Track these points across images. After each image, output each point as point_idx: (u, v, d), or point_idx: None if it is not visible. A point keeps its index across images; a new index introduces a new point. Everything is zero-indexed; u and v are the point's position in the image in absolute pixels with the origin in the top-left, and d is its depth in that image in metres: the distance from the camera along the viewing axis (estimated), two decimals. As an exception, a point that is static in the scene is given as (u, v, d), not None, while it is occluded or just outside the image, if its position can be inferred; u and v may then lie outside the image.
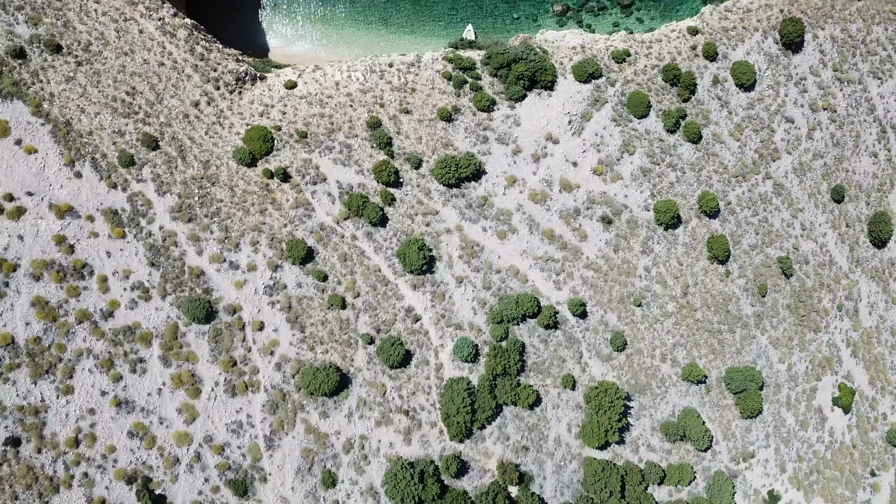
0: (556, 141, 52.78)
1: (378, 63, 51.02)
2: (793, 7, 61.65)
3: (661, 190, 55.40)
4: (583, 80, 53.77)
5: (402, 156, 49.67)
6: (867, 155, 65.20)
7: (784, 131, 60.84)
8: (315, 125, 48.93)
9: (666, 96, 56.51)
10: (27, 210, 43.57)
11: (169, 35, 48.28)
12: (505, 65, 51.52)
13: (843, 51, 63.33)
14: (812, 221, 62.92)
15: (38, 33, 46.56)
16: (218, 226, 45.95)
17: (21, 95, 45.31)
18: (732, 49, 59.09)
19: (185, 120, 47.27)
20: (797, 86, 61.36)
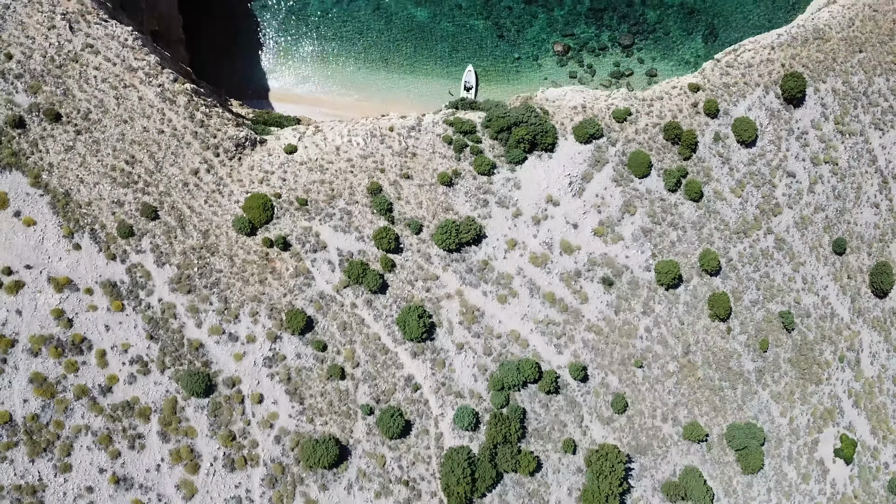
0: (557, 203, 52.60)
1: (379, 127, 50.85)
2: (794, 61, 61.54)
3: (662, 250, 55.19)
4: (583, 140, 53.62)
5: (403, 221, 49.49)
6: (869, 206, 65.00)
7: (785, 186, 60.67)
8: (315, 192, 48.76)
9: (667, 154, 56.36)
10: (26, 284, 43.37)
11: (169, 102, 48.13)
12: (505, 128, 51.38)
13: (845, 103, 63.19)
14: (813, 275, 62.69)
15: (38, 102, 46.43)
16: (217, 297, 45.74)
17: (20, 166, 45.16)
18: (734, 105, 58.94)
19: (184, 189, 47.10)
20: (799, 140, 61.23)
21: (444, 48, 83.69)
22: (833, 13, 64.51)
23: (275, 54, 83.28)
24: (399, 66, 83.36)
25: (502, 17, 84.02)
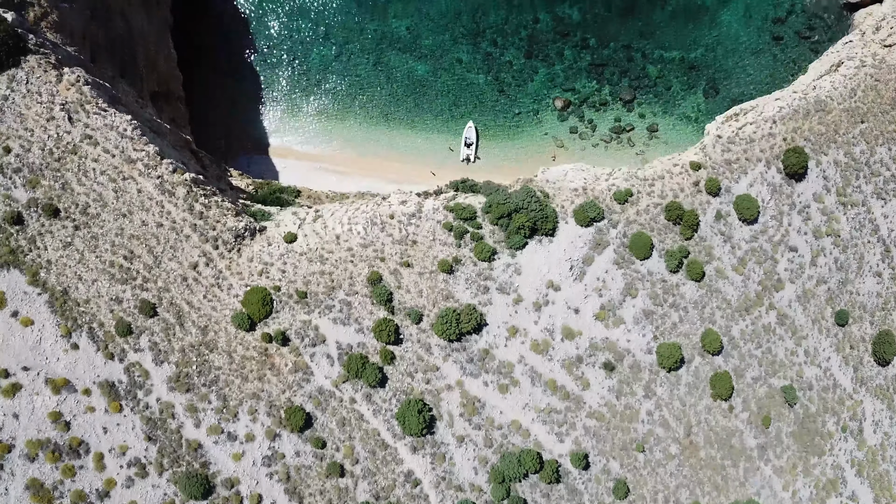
0: (558, 288, 52.29)
1: (379, 214, 50.57)
2: (796, 135, 61.30)
3: (664, 332, 54.86)
4: (584, 224, 53.35)
5: (403, 311, 49.18)
6: (871, 275, 64.65)
7: (788, 261, 60.36)
8: (315, 283, 48.46)
9: (669, 235, 56.07)
10: (23, 386, 43.06)
11: (168, 194, 47.89)
12: (506, 214, 51.12)
13: (847, 174, 62.96)
14: (816, 347, 62.31)
15: (36, 197, 46.22)
16: (216, 395, 45.40)
17: (18, 264, 44.91)
18: (735, 182, 58.68)
19: (183, 283, 46.81)
20: (801, 214, 60.95)
21: (445, 103, 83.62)
22: (835, 83, 64.30)
23: (275, 109, 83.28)
24: (400, 121, 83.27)
25: (503, 71, 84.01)
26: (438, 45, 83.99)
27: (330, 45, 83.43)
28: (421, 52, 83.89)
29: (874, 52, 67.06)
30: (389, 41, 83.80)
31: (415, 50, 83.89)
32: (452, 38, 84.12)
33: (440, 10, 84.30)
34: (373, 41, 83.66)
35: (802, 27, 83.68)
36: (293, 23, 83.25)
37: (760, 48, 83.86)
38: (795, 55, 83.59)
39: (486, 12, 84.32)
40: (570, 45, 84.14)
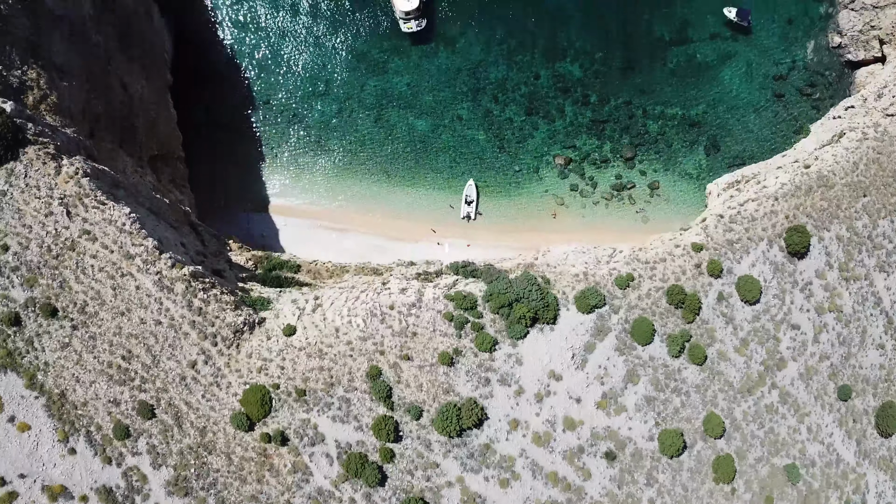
0: (560, 377, 51.93)
1: (379, 305, 50.24)
2: (798, 211, 61.05)
3: (665, 417, 54.45)
4: (586, 311, 53.03)
5: (403, 407, 48.81)
6: (874, 348, 64.25)
7: (790, 339, 59.98)
8: (314, 380, 48.10)
9: (670, 318, 55.72)
10: (19, 495, 42.71)
11: (166, 290, 47.58)
12: (507, 304, 50.80)
13: (849, 249, 62.66)
14: (819, 423, 61.86)
15: (34, 296, 45.92)
16: (214, 498, 44.99)
17: (15, 367, 44.59)
18: (737, 262, 58.38)
19: (181, 383, 46.46)
20: (803, 291, 60.62)
21: (445, 160, 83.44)
22: (837, 156, 64.06)
23: (275, 166, 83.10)
24: (400, 178, 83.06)
25: (503, 128, 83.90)
26: (439, 102, 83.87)
27: (330, 102, 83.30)
28: (421, 108, 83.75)
29: (876, 121, 66.84)
30: (390, 98, 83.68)
31: (415, 107, 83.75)
32: (453, 95, 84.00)
33: (441, 67, 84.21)
34: (373, 98, 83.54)
35: (804, 84, 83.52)
36: (294, 79, 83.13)
37: (762, 105, 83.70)
38: (797, 112, 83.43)
39: (487, 69, 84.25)
40: (571, 102, 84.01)
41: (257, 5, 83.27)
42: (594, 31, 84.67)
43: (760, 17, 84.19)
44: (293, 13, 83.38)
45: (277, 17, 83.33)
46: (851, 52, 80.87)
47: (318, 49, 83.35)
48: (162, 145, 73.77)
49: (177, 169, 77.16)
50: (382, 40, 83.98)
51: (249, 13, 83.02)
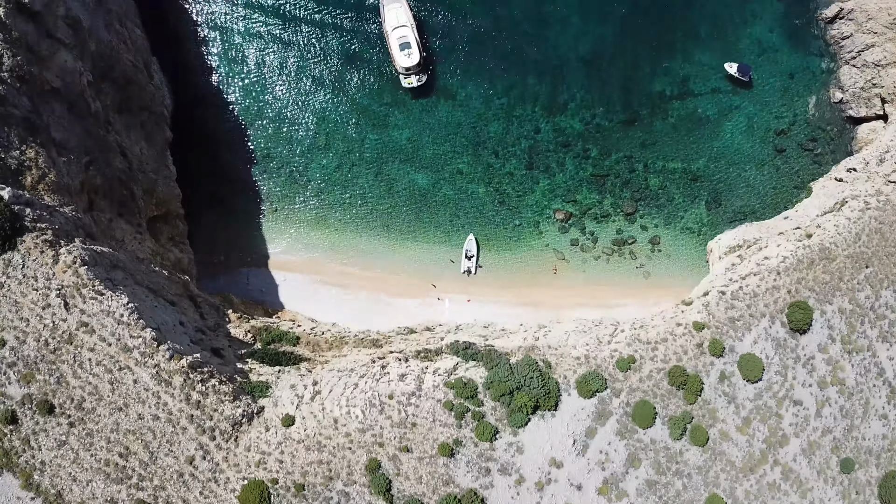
0: (560, 465, 51.54)
1: (378, 394, 49.91)
2: (800, 285, 60.73)
3: (667, 501, 54.04)
4: (587, 396, 52.68)
5: (402, 499, 48.40)
6: (877, 418, 63.84)
7: (792, 415, 59.61)
8: (313, 474, 47.71)
9: (672, 400, 55.37)
10: None
11: (164, 384, 47.25)
12: (508, 392, 50.45)
13: (852, 321, 62.29)
14: (821, 498, 61.40)
15: (31, 392, 45.57)
16: None
17: (11, 467, 44.22)
18: (739, 340, 58.05)
19: (179, 480, 46.08)
20: (805, 367, 60.26)
21: (446, 214, 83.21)
22: (839, 227, 63.75)
23: (274, 221, 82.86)
24: (400, 232, 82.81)
25: (503, 182, 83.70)
26: (439, 156, 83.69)
27: (331, 156, 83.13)
28: (422, 162, 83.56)
29: (878, 188, 66.55)
30: (390, 152, 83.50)
31: (416, 160, 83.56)
32: (453, 149, 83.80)
33: (441, 121, 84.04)
34: (374, 152, 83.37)
35: (805, 139, 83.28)
36: (294, 133, 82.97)
37: (763, 159, 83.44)
38: (798, 167, 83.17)
39: (487, 123, 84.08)
40: (572, 156, 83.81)
41: (258, 60, 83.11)
42: (595, 85, 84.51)
43: (761, 70, 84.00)
44: (294, 67, 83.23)
45: (278, 71, 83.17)
46: (853, 108, 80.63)
47: (318, 103, 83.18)
48: (161, 205, 73.51)
49: (176, 227, 76.89)
50: (383, 94, 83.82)
51: (250, 68, 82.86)
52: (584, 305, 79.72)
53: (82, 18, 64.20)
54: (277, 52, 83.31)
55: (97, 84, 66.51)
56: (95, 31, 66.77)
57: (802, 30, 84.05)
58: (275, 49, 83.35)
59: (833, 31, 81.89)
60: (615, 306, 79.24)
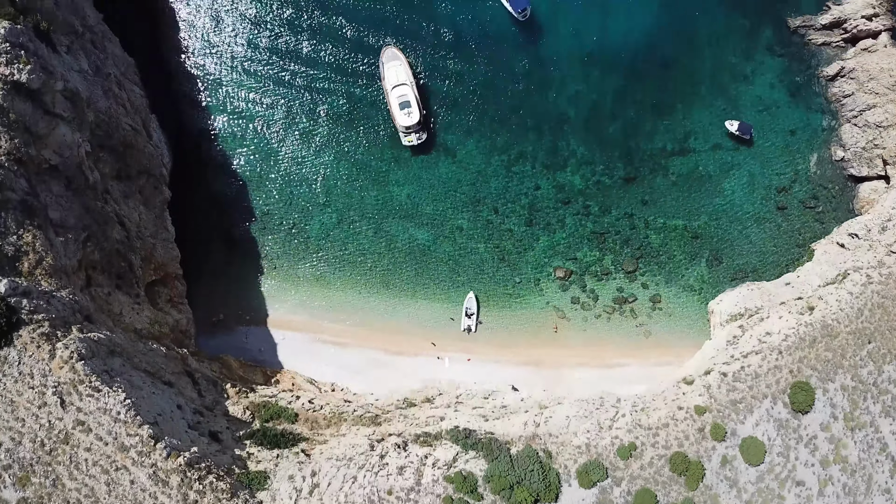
0: (561, 558, 51.12)
1: (376, 490, 49.46)
2: (802, 364, 60.34)
3: (669, 591, 53.57)
4: (588, 486, 52.24)
5: None
6: (879, 493, 63.29)
7: (795, 496, 59.11)
8: (311, 575, 47.31)
9: (673, 487, 54.92)
10: None
11: (161, 483, 46.81)
12: (508, 487, 50.01)
13: (854, 398, 61.87)
14: (824, 577, 60.92)
15: (27, 496, 45.13)
16: None
17: (6, 574, 43.81)
18: (741, 423, 57.64)
19: (176, 584, 45.64)
20: (807, 446, 59.83)
21: (445, 271, 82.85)
22: (841, 302, 63.37)
23: (273, 278, 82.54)
24: (400, 290, 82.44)
25: (504, 239, 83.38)
26: (439, 213, 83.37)
27: (330, 213, 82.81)
28: (421, 219, 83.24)
29: (881, 259, 66.18)
30: (390, 208, 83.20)
31: (415, 217, 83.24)
32: (453, 206, 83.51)
33: (441, 178, 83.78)
34: (373, 208, 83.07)
35: (806, 196, 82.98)
36: (294, 189, 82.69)
37: (764, 217, 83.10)
38: (800, 224, 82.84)
39: (487, 179, 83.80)
40: (572, 213, 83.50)
41: (258, 117, 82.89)
42: (595, 142, 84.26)
43: (763, 127, 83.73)
44: (294, 124, 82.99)
45: (278, 127, 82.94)
46: (854, 168, 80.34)
47: (318, 159, 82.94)
48: (160, 269, 73.13)
49: (175, 287, 76.50)
50: (383, 150, 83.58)
51: (250, 124, 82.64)
52: (584, 365, 79.46)
53: (81, 90, 63.91)
54: (277, 109, 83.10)
55: (95, 153, 66.28)
56: (94, 101, 66.49)
57: (804, 87, 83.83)
58: (274, 105, 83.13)
59: (834, 88, 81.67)
60: (616, 366, 78.93)
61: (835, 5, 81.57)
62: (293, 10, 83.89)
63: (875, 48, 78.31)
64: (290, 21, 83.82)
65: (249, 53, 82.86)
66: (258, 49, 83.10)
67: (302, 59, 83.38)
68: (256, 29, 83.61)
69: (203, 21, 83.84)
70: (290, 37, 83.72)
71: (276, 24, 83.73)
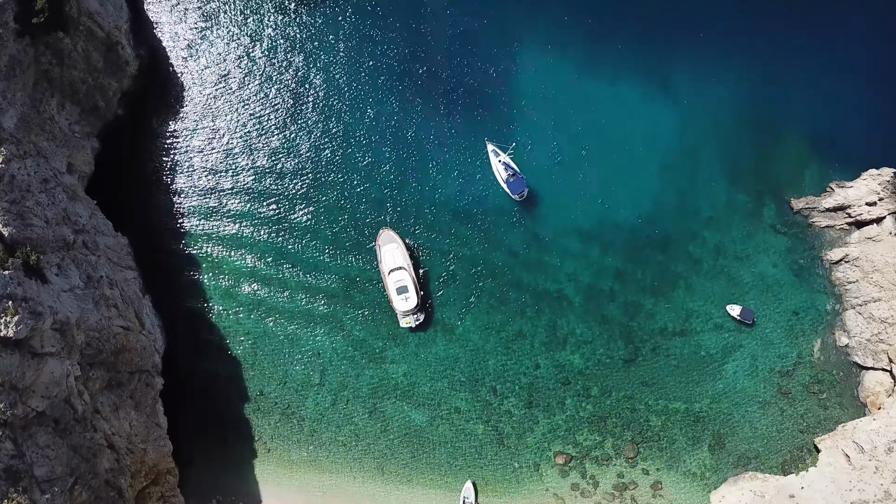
0: None
1: None
2: None
3: None
4: None
5: None
6: None
7: None
8: None
9: None
10: None
11: None
12: None
13: None
14: None
15: None
16: None
17: None
18: None
19: None
20: None
21: (443, 455, 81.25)
22: None
23: (268, 462, 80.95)
24: (396, 475, 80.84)
25: (502, 421, 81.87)
26: (436, 393, 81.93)
27: (325, 393, 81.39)
28: (418, 399, 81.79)
29: (886, 489, 64.60)
30: (386, 388, 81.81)
31: (412, 397, 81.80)
32: (451, 385, 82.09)
33: (438, 356, 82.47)
34: (369, 388, 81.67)
35: (810, 381, 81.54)
36: (287, 370, 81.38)
37: (767, 401, 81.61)
38: (803, 410, 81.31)
39: (486, 358, 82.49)
40: (572, 394, 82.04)
41: (254, 296, 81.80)
42: (595, 321, 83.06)
43: (765, 307, 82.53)
44: (290, 303, 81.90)
45: (274, 306, 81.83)
46: (859, 357, 78.98)
47: (314, 338, 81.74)
48: (151, 472, 71.56)
49: (167, 482, 74.78)
50: (379, 328, 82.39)
51: (246, 304, 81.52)
52: (584, 558, 77.73)
53: (71, 316, 62.72)
54: (273, 287, 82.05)
55: (85, 373, 64.94)
56: (85, 319, 65.29)
57: (807, 268, 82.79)
58: (270, 284, 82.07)
59: (839, 273, 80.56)
60: (616, 558, 77.22)
61: (838, 188, 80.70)
62: (290, 186, 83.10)
63: (879, 237, 77.31)
64: (287, 196, 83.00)
65: (245, 236, 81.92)
66: (254, 231, 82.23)
67: (298, 237, 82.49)
68: (254, 205, 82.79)
69: (195, 201, 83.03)
70: (287, 210, 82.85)
71: (272, 199, 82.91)
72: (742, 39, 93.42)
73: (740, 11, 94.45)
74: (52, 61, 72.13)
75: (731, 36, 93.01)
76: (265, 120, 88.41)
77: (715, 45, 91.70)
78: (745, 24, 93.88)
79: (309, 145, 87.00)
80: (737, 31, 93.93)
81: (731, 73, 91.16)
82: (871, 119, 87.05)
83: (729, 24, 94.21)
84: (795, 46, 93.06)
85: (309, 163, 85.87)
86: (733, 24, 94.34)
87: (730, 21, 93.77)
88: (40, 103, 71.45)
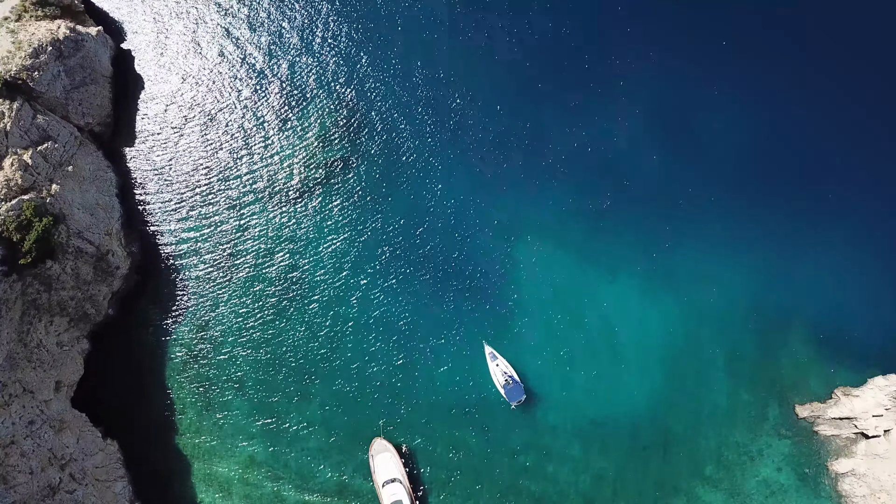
0: None
1: None
2: None
3: None
4: None
5: None
6: None
7: None
8: None
9: None
10: None
11: None
12: None
13: None
14: None
15: None
16: None
17: None
18: None
19: None
20: None
21: None
22: None
23: None
24: None
25: None
26: None
27: None
28: None
29: None
30: None
31: None
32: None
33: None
34: None
35: None
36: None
37: None
38: None
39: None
40: None
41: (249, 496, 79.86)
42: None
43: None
44: None
45: None
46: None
47: (305, 546, 79.49)
48: None
49: None
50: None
51: None
52: None
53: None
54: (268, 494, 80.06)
55: None
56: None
57: (812, 475, 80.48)
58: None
59: (845, 485, 78.29)
60: None
61: (844, 395, 78.67)
62: (283, 386, 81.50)
63: (887, 455, 75.11)
64: (280, 398, 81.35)
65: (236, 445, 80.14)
66: (249, 441, 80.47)
67: (297, 447, 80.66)
68: (248, 418, 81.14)
69: (185, 393, 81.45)
70: (281, 417, 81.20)
71: (262, 409, 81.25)
72: (753, 228, 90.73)
73: (749, 204, 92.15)
74: (40, 289, 70.95)
75: (739, 226, 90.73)
76: (254, 320, 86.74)
77: (720, 237, 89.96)
78: (752, 214, 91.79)
79: (297, 347, 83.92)
80: (746, 222, 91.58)
81: (735, 272, 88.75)
82: (880, 316, 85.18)
83: (738, 217, 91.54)
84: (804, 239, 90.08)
85: (296, 372, 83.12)
86: (746, 216, 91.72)
87: (741, 211, 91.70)
88: (27, 334, 70.15)
